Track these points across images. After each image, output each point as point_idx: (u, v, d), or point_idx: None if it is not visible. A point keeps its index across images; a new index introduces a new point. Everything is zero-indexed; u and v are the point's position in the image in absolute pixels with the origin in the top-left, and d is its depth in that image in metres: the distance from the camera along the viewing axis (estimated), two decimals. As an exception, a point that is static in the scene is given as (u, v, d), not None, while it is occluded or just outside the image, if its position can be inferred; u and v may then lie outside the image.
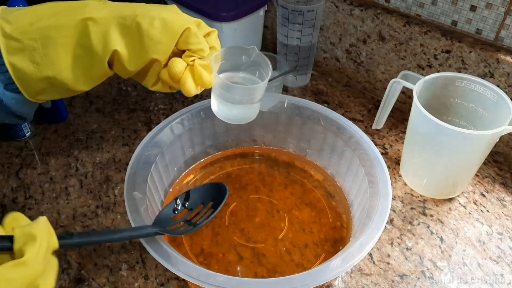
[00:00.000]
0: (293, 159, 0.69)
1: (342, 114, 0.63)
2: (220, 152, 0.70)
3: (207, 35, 0.49)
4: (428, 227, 0.62)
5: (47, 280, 0.36)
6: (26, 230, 0.36)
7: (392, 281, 0.56)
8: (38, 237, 0.35)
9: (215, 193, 0.53)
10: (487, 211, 0.64)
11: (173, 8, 0.48)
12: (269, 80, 0.54)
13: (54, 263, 0.38)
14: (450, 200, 0.66)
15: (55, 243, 0.38)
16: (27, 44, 0.43)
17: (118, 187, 0.67)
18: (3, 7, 0.46)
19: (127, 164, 0.55)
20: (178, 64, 0.47)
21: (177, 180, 0.65)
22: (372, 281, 0.55)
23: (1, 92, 0.44)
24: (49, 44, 0.44)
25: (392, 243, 0.60)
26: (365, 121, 0.79)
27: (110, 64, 0.48)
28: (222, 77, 0.51)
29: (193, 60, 0.47)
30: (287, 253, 0.57)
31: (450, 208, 0.65)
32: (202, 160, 0.68)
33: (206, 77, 0.48)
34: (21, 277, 0.34)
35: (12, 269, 0.33)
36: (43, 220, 0.37)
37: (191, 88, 0.48)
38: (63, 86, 0.47)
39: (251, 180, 0.66)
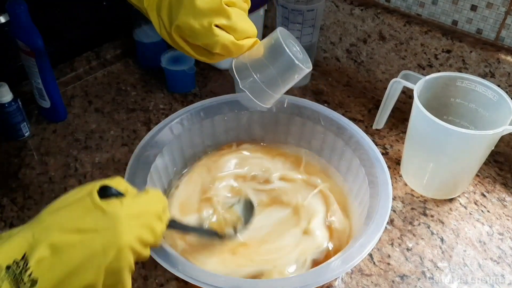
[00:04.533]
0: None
1: (342, 114, 0.63)
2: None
3: None
4: (428, 227, 0.62)
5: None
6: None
7: (393, 281, 0.55)
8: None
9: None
10: (488, 211, 0.64)
11: None
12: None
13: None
14: (450, 200, 0.66)
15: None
16: None
17: (118, 187, 0.67)
18: None
19: (127, 164, 0.55)
20: None
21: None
22: (372, 282, 0.55)
23: None
24: None
25: (392, 244, 0.60)
26: (365, 121, 0.79)
27: None
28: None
29: None
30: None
31: (450, 209, 0.65)
32: (201, 160, 0.68)
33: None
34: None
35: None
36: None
37: None
38: None
39: (251, 180, 0.66)
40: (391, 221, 0.63)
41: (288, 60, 0.50)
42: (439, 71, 0.69)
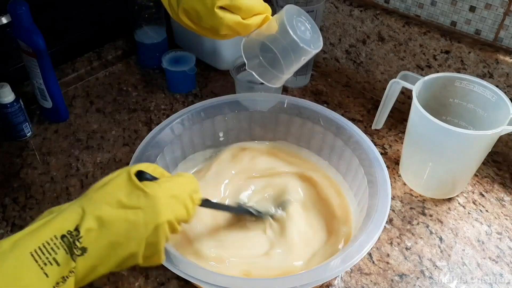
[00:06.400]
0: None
1: (342, 115, 0.64)
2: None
3: None
4: (427, 226, 0.62)
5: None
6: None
7: (392, 280, 0.56)
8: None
9: None
10: (486, 211, 0.65)
11: None
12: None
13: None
14: (449, 200, 0.66)
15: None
16: None
17: (119, 187, 0.67)
18: None
19: (128, 164, 0.56)
20: None
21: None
22: (371, 281, 0.56)
23: None
24: None
25: (391, 243, 0.60)
26: (364, 121, 0.79)
27: None
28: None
29: None
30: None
31: (449, 208, 0.65)
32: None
33: None
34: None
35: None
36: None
37: None
38: None
39: (251, 180, 0.66)
40: (390, 221, 0.63)
41: (292, 43, 0.48)
42: (437, 72, 0.69)
